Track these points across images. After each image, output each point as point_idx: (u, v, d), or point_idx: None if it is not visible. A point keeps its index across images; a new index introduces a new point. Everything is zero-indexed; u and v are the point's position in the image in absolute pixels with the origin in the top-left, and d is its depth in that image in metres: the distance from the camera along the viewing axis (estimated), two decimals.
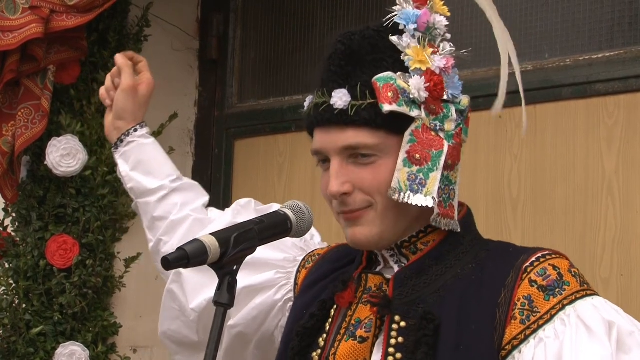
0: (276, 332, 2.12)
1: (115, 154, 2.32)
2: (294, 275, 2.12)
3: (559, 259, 1.79)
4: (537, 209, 3.21)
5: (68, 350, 3.52)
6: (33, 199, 3.62)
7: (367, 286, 1.87)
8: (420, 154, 1.77)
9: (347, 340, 1.82)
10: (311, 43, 3.93)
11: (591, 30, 3.21)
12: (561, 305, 1.72)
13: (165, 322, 2.27)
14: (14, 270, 3.59)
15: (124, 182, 2.32)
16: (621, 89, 3.11)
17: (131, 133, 2.30)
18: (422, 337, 1.73)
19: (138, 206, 2.30)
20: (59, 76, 3.50)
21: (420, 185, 1.77)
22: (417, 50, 1.81)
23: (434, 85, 1.79)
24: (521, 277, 1.75)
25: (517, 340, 1.72)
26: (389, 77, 1.77)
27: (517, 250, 1.84)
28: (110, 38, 3.70)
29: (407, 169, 1.77)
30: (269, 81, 4.05)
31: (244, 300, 2.12)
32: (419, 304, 1.77)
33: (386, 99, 1.75)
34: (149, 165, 2.29)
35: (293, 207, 1.89)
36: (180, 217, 2.24)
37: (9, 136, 3.47)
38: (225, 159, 4.08)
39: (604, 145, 3.12)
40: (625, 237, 3.05)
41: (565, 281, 1.75)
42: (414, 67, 1.80)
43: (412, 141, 1.78)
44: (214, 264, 1.70)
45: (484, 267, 1.80)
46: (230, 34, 4.14)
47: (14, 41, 3.34)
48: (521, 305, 1.73)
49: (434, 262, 1.82)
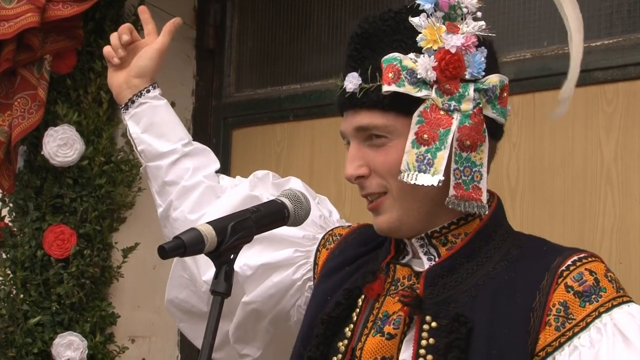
0: (292, 310, 2.10)
1: (125, 115, 2.23)
2: (314, 254, 2.09)
3: (596, 263, 1.76)
4: (536, 198, 3.21)
5: (66, 341, 3.52)
6: (30, 189, 3.61)
7: (395, 277, 1.86)
8: (428, 134, 1.76)
9: (374, 336, 1.80)
10: (309, 32, 3.91)
11: (590, 18, 3.19)
12: (597, 313, 1.69)
13: (173, 290, 2.25)
14: (12, 261, 3.59)
15: (133, 143, 2.23)
16: (620, 77, 3.10)
17: (144, 94, 2.22)
18: (454, 340, 1.70)
19: (148, 170, 2.23)
20: (56, 65, 3.49)
21: (428, 165, 1.75)
22: (431, 30, 1.79)
23: (446, 64, 1.76)
24: (557, 282, 1.72)
25: (552, 347, 1.69)
26: (393, 57, 1.77)
27: (552, 249, 1.81)
28: (106, 27, 3.68)
29: (416, 150, 1.76)
30: (266, 70, 4.04)
31: (261, 277, 2.10)
32: (450, 304, 1.75)
33: (386, 79, 1.76)
34: (161, 128, 2.21)
35: (290, 195, 1.88)
36: (193, 183, 2.19)
37: (5, 126, 3.46)
38: (222, 148, 4.07)
39: (603, 133, 3.11)
40: (623, 225, 3.04)
41: (601, 287, 1.71)
42: (426, 47, 1.78)
43: (421, 122, 1.76)
44: (211, 252, 1.69)
45: (516, 267, 1.77)
46: (228, 23, 4.13)
47: (9, 30, 3.33)
48: (556, 311, 1.70)
49: (465, 260, 1.80)
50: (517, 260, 1.78)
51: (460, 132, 1.76)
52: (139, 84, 2.23)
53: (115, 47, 2.24)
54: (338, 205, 3.74)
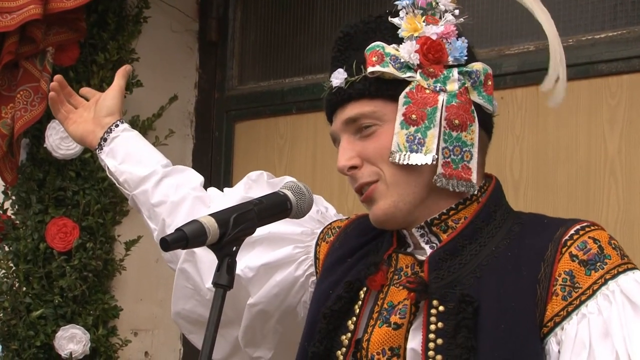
0: (299, 307, 2.09)
1: (101, 155, 2.27)
2: (313, 248, 2.08)
3: (599, 231, 1.77)
4: (539, 191, 3.20)
5: (68, 334, 3.52)
6: (33, 181, 3.61)
7: (398, 267, 1.85)
8: (416, 113, 1.79)
9: (380, 327, 1.80)
10: (311, 25, 3.91)
11: (594, 10, 3.18)
12: (603, 280, 1.70)
13: (179, 302, 2.24)
14: (14, 254, 3.59)
15: (114, 178, 2.26)
16: (624, 69, 3.09)
17: (113, 129, 2.26)
18: (461, 320, 1.70)
19: (135, 199, 2.25)
20: (58, 58, 3.48)
21: (419, 145, 1.78)
22: (410, 20, 1.85)
23: (427, 48, 1.81)
24: (561, 251, 1.72)
25: (559, 317, 1.69)
26: (376, 45, 1.82)
27: (553, 221, 1.82)
28: (109, 19, 3.68)
29: (405, 131, 1.78)
30: (269, 63, 4.03)
31: (263, 278, 2.09)
32: (456, 286, 1.75)
33: (370, 62, 1.80)
34: (138, 155, 2.25)
35: (293, 187, 1.87)
36: (180, 197, 2.20)
37: (8, 118, 3.46)
38: (225, 141, 4.07)
39: (607, 125, 3.11)
40: (627, 217, 3.03)
41: (606, 254, 1.72)
42: (407, 35, 1.83)
43: (407, 103, 1.79)
44: (213, 245, 1.68)
45: (519, 243, 1.77)
46: (230, 15, 4.12)
47: (12, 22, 3.33)
48: (562, 280, 1.70)
49: (467, 241, 1.79)
50: (519, 237, 1.79)
51: (448, 111, 1.79)
52: (110, 121, 2.29)
53: (57, 101, 2.34)
54: (341, 198, 3.75)
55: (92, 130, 2.28)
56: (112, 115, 2.28)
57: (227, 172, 4.05)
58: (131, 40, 3.78)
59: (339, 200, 3.68)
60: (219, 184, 4.02)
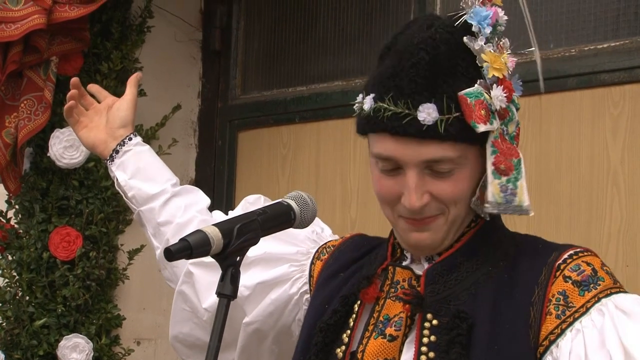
0: (293, 325, 2.09)
1: (111, 166, 2.26)
2: (308, 267, 2.09)
3: (592, 257, 1.77)
4: (542, 200, 3.20)
5: (71, 343, 3.52)
6: (36, 190, 3.62)
7: (395, 280, 1.85)
8: (505, 164, 1.75)
9: (376, 338, 1.80)
10: (315, 34, 3.91)
11: (596, 20, 3.19)
12: (597, 299, 1.70)
13: (176, 326, 2.24)
14: (17, 262, 3.59)
15: (123, 192, 2.26)
16: (626, 79, 3.09)
17: (126, 142, 2.26)
18: (455, 337, 1.70)
19: (141, 215, 2.25)
20: (62, 67, 3.49)
21: (512, 195, 1.76)
22: (492, 57, 1.75)
23: (509, 92, 1.75)
24: (555, 275, 1.73)
25: (554, 334, 1.69)
26: (478, 92, 1.72)
27: (547, 246, 1.82)
28: (113, 29, 3.69)
29: (497, 181, 1.75)
30: (272, 72, 4.04)
31: (259, 296, 2.10)
32: (451, 302, 1.75)
33: (480, 118, 1.71)
34: (148, 172, 2.24)
35: (296, 197, 1.87)
36: (186, 220, 2.20)
37: (11, 128, 3.47)
38: (228, 150, 4.07)
39: (609, 135, 3.11)
40: (630, 227, 3.03)
41: (599, 277, 1.72)
42: (492, 75, 1.75)
43: (495, 152, 1.75)
44: (217, 255, 1.68)
45: (515, 266, 1.78)
46: (234, 25, 4.13)
47: (16, 32, 3.34)
48: (556, 300, 1.71)
49: (465, 258, 1.80)
50: (515, 259, 1.79)
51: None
52: (124, 133, 2.27)
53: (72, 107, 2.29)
54: (344, 208, 3.76)
55: (105, 140, 2.27)
56: (125, 127, 2.27)
57: (230, 181, 4.06)
58: (135, 50, 3.79)
59: (342, 209, 3.69)
60: (222, 193, 4.03)
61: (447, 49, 1.73)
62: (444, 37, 1.74)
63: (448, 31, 1.75)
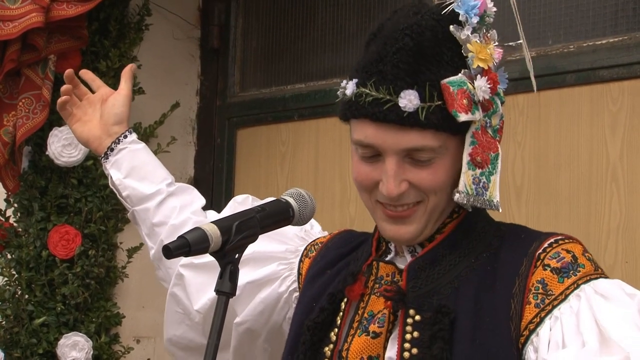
0: (284, 324, 2.09)
1: (106, 164, 2.24)
2: (297, 265, 2.09)
3: (573, 244, 1.76)
4: (541, 197, 3.20)
5: (71, 341, 3.52)
6: (35, 189, 3.61)
7: (379, 275, 1.85)
8: (481, 156, 1.75)
9: (360, 336, 1.80)
10: (313, 31, 3.91)
11: (595, 16, 3.18)
12: (576, 285, 1.69)
13: (170, 328, 2.23)
14: (16, 261, 3.59)
15: (117, 191, 2.24)
16: (625, 75, 3.09)
17: (121, 140, 2.23)
18: (437, 332, 1.70)
19: (135, 215, 2.24)
20: (60, 65, 3.48)
21: (483, 189, 1.75)
22: (478, 47, 1.74)
23: (494, 83, 1.75)
24: (535, 265, 1.72)
25: (533, 324, 1.68)
26: (461, 81, 1.71)
27: (530, 235, 1.81)
28: (111, 27, 3.68)
29: (472, 172, 1.74)
30: (270, 70, 4.04)
31: (249, 296, 2.09)
32: (433, 296, 1.74)
33: (462, 107, 1.70)
34: (143, 171, 2.22)
35: (295, 194, 1.87)
36: (181, 221, 2.19)
37: (10, 126, 3.46)
38: (227, 148, 4.07)
39: (608, 131, 3.11)
40: (629, 224, 3.03)
41: (580, 263, 1.72)
42: (476, 65, 1.74)
43: (474, 143, 1.74)
44: (216, 252, 1.68)
45: (497, 257, 1.77)
46: (232, 22, 4.13)
47: (14, 30, 3.33)
48: (535, 289, 1.70)
49: (447, 251, 1.79)
50: (498, 251, 1.78)
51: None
52: (118, 130, 2.24)
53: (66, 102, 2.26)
54: (343, 205, 3.75)
55: (99, 137, 2.25)
56: (120, 124, 2.24)
57: (228, 179, 4.05)
58: (133, 48, 3.79)
59: (341, 206, 3.69)
60: (221, 191, 4.03)
61: (433, 36, 1.72)
62: (430, 24, 1.73)
63: (435, 19, 1.74)
